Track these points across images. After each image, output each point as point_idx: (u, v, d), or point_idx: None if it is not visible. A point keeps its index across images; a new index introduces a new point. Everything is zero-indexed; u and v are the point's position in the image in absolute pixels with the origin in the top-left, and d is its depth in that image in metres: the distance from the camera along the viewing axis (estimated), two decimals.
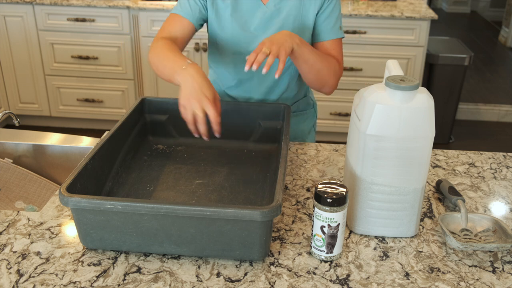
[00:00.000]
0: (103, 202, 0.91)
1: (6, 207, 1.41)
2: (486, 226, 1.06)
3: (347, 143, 1.10)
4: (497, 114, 4.03)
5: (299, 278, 0.94)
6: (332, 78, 1.36)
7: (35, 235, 1.04)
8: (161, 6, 3.11)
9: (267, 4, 1.36)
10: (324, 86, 1.38)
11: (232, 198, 1.15)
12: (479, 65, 5.19)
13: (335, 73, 1.36)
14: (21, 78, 3.38)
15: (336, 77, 1.37)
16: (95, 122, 3.54)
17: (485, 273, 0.96)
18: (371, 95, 0.98)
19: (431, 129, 0.97)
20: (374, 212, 1.04)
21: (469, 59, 3.33)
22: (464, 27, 6.77)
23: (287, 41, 1.20)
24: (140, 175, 1.23)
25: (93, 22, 3.18)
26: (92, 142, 1.50)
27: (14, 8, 3.17)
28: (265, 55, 1.15)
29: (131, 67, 3.29)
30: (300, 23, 1.36)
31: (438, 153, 1.42)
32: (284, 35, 1.22)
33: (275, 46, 1.17)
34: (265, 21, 1.37)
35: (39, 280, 0.92)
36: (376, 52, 3.18)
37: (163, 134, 1.38)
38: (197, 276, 0.94)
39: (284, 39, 1.21)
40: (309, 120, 1.59)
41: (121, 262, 0.96)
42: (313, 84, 1.38)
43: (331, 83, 1.37)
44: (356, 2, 3.33)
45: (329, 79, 1.36)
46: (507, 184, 1.28)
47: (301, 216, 1.12)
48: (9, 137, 1.52)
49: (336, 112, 3.36)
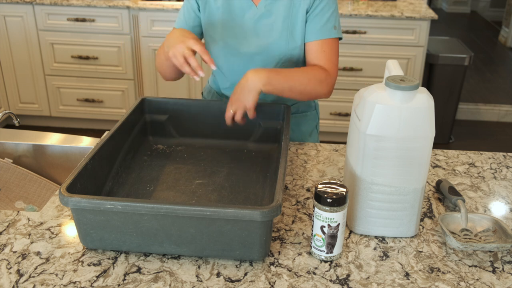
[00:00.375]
0: (103, 202, 0.91)
1: (6, 207, 1.41)
2: (486, 226, 1.06)
3: (347, 143, 1.10)
4: (497, 114, 4.03)
5: (299, 278, 0.94)
6: (320, 89, 1.33)
7: (35, 235, 1.04)
8: (161, 6, 3.11)
9: (258, 5, 1.36)
10: (316, 97, 1.37)
11: (232, 198, 1.15)
12: (479, 65, 5.20)
13: (322, 82, 1.33)
14: (21, 78, 3.38)
15: (325, 85, 1.34)
16: (95, 122, 3.54)
17: (485, 273, 0.96)
18: (371, 95, 0.98)
19: (431, 129, 0.97)
20: (374, 212, 1.04)
21: (469, 59, 3.33)
22: (464, 27, 6.77)
23: (250, 91, 1.25)
24: (140, 175, 1.23)
25: (93, 22, 3.18)
26: (92, 142, 1.50)
27: (14, 8, 3.17)
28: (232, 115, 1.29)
29: (131, 67, 3.29)
30: (290, 24, 1.36)
31: (438, 153, 1.42)
32: (246, 82, 1.25)
33: (239, 103, 1.27)
34: (256, 22, 1.37)
35: (39, 280, 0.92)
36: (376, 52, 3.18)
37: (163, 134, 1.38)
38: (197, 276, 0.94)
39: (247, 89, 1.25)
40: (310, 121, 1.58)
41: (121, 262, 0.96)
42: (304, 100, 1.38)
43: (322, 93, 1.35)
44: (356, 2, 3.33)
45: (317, 91, 1.34)
46: (507, 184, 1.28)
47: (301, 216, 1.12)
48: (9, 137, 1.52)
49: (336, 112, 3.36)
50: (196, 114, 1.37)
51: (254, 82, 1.24)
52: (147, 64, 3.27)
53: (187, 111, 1.37)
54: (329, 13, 1.36)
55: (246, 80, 1.25)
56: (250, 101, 1.25)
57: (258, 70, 1.26)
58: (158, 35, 3.18)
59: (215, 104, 1.39)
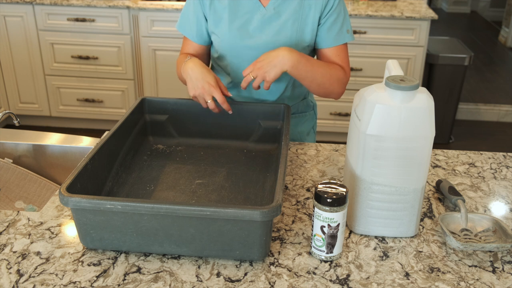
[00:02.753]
0: (103, 202, 0.91)
1: (6, 207, 1.41)
2: (486, 226, 1.06)
3: (347, 143, 1.10)
4: (497, 114, 4.03)
5: (299, 278, 0.94)
6: (336, 87, 1.36)
7: (35, 235, 1.04)
8: (161, 6, 3.11)
9: (266, 7, 1.36)
10: (329, 95, 1.39)
11: (232, 198, 1.15)
12: (479, 65, 5.20)
13: (340, 81, 1.36)
14: (21, 78, 3.38)
15: (342, 84, 1.37)
16: (95, 122, 3.54)
17: (485, 273, 0.96)
18: (371, 95, 0.98)
19: (431, 129, 0.97)
20: (374, 212, 1.04)
21: (469, 59, 3.33)
22: (464, 27, 6.77)
23: (276, 66, 1.25)
24: (140, 175, 1.23)
25: (93, 22, 3.18)
26: (92, 142, 1.50)
27: (14, 8, 3.17)
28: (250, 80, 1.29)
29: (131, 67, 3.29)
30: (299, 27, 1.36)
31: (438, 153, 1.42)
32: (277, 57, 1.25)
33: (261, 71, 1.26)
34: (264, 23, 1.36)
35: (39, 280, 0.92)
36: (376, 52, 3.18)
37: (163, 134, 1.38)
38: (197, 276, 0.94)
39: (274, 63, 1.25)
40: (308, 122, 1.58)
41: (121, 262, 0.96)
42: (317, 94, 1.40)
43: (336, 91, 1.38)
44: (356, 2, 3.33)
45: (334, 89, 1.36)
46: (507, 184, 1.28)
47: (301, 216, 1.12)
48: (9, 137, 1.52)
49: (336, 112, 3.36)
50: (196, 114, 1.37)
51: (284, 60, 1.25)
52: (147, 64, 3.27)
53: (187, 111, 1.37)
54: (342, 19, 1.38)
55: (277, 55, 1.26)
56: (272, 75, 1.26)
57: (292, 50, 1.27)
58: (158, 35, 3.18)
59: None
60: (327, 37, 1.37)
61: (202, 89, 1.26)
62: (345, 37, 1.38)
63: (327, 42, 1.38)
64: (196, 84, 1.27)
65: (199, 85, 1.26)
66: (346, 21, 1.39)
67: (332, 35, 1.37)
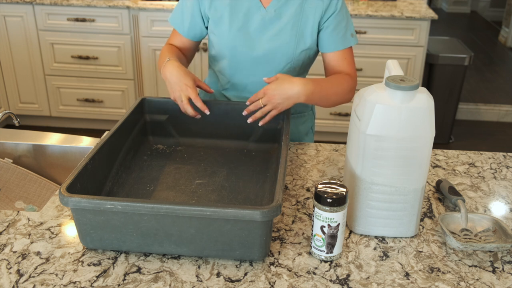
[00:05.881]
0: (103, 202, 0.91)
1: (6, 207, 1.41)
2: (486, 226, 1.06)
3: (347, 143, 1.10)
4: (497, 114, 4.03)
5: (299, 278, 0.94)
6: (347, 98, 1.38)
7: (35, 235, 1.04)
8: (161, 6, 3.11)
9: (267, 8, 1.36)
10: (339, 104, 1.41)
11: (232, 198, 1.15)
12: (479, 65, 5.20)
13: (351, 91, 1.38)
14: (21, 78, 3.38)
15: (352, 92, 1.38)
16: (95, 122, 3.54)
17: (485, 273, 0.96)
18: (371, 95, 0.98)
19: (431, 129, 0.97)
20: (374, 212, 1.04)
21: (469, 59, 3.33)
22: (464, 27, 6.77)
23: (289, 99, 1.25)
24: (140, 175, 1.23)
25: (93, 22, 3.18)
26: (92, 142, 1.50)
27: (14, 8, 3.17)
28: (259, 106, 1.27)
29: (131, 67, 3.29)
30: (299, 31, 1.36)
31: (438, 153, 1.42)
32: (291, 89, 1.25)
33: (273, 101, 1.25)
34: (264, 25, 1.36)
35: (39, 280, 0.92)
36: (376, 52, 3.18)
37: (163, 134, 1.38)
38: (197, 276, 0.94)
39: (287, 96, 1.25)
40: (307, 122, 1.58)
41: (121, 262, 0.96)
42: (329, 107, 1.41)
43: (346, 101, 1.40)
44: (356, 2, 3.33)
45: (344, 100, 1.39)
46: (507, 184, 1.28)
47: (301, 216, 1.12)
48: (9, 137, 1.52)
49: (336, 112, 3.36)
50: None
51: (299, 94, 1.25)
52: (147, 64, 3.27)
53: None
54: (345, 22, 1.38)
55: (291, 87, 1.25)
56: (284, 107, 1.27)
57: (307, 83, 1.26)
58: (158, 35, 3.18)
59: (215, 104, 1.38)
60: (331, 41, 1.37)
61: (180, 91, 1.28)
62: (350, 41, 1.39)
63: (332, 46, 1.38)
64: (174, 87, 1.29)
65: (177, 88, 1.28)
66: (349, 24, 1.39)
67: (336, 39, 1.37)
